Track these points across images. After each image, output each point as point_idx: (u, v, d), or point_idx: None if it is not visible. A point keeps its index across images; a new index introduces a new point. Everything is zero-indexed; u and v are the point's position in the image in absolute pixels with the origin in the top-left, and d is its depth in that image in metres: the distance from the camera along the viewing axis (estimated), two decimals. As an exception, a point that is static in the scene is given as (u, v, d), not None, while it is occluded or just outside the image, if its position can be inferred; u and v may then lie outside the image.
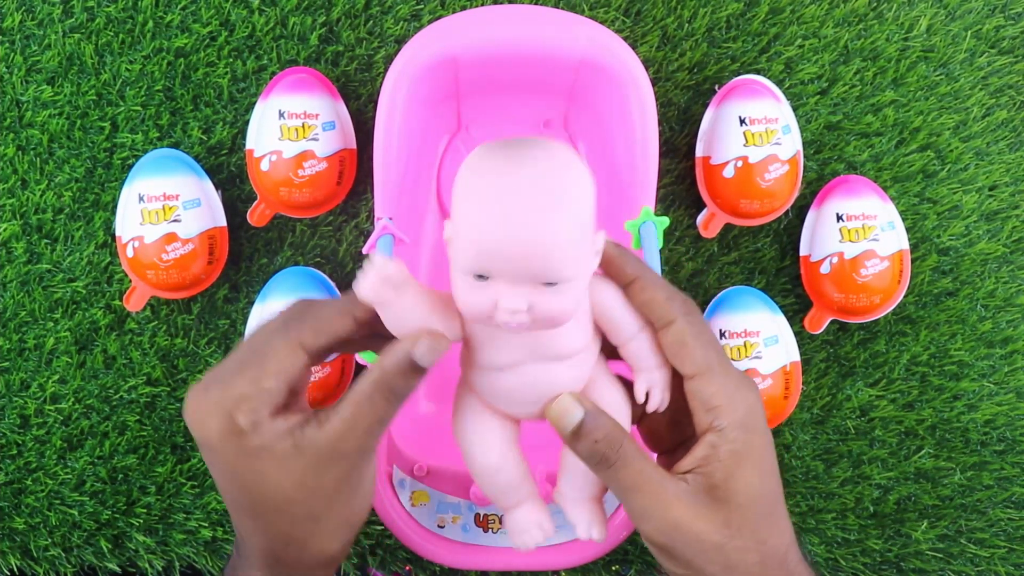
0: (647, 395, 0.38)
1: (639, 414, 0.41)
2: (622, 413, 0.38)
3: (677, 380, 0.38)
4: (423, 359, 0.35)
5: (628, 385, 0.39)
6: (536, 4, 0.61)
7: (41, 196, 0.60)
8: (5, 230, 0.60)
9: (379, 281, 0.34)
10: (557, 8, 0.61)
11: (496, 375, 0.37)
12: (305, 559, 0.39)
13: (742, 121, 0.59)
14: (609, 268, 0.38)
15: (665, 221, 0.50)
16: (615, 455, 0.36)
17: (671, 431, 0.40)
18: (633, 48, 0.57)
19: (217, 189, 0.60)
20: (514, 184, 0.32)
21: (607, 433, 0.36)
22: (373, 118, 0.53)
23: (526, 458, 0.40)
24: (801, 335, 0.61)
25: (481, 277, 0.33)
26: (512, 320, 0.33)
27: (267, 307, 0.57)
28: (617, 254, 0.38)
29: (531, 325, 0.34)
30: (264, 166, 0.57)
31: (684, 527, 0.36)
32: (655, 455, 0.42)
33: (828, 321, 0.61)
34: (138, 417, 0.60)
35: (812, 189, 0.62)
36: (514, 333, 0.36)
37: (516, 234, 0.32)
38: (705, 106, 0.61)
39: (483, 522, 0.54)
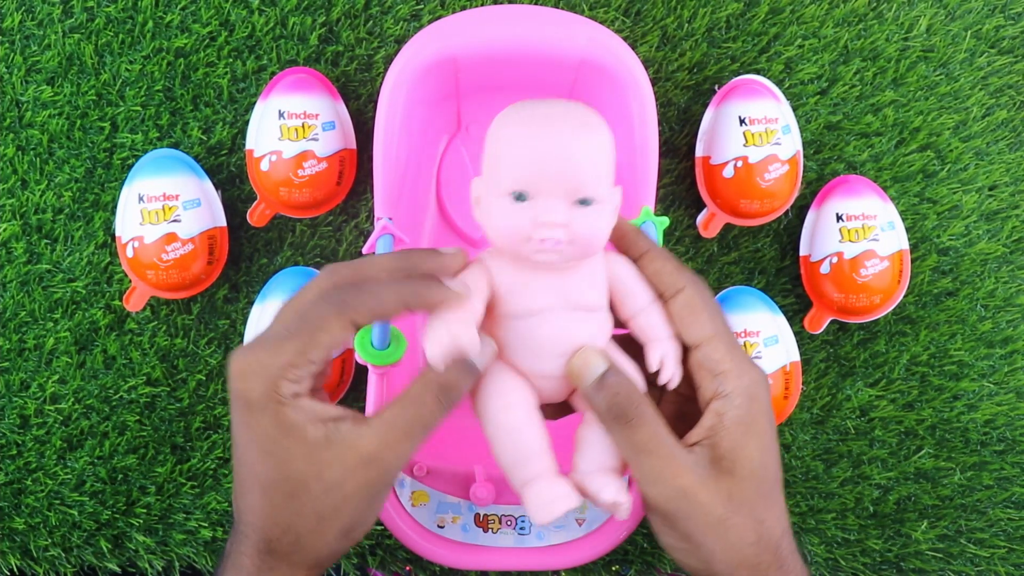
0: (660, 367, 0.38)
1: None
2: (637, 384, 0.38)
3: (685, 364, 0.39)
4: (478, 358, 0.36)
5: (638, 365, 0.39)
6: (536, 4, 0.61)
7: (41, 196, 0.60)
8: (5, 230, 0.60)
9: (451, 357, 0.36)
10: (557, 8, 0.61)
11: (525, 323, 0.37)
12: (295, 555, 0.38)
13: (742, 121, 0.59)
14: (621, 242, 0.39)
15: (665, 221, 0.50)
16: (633, 411, 0.36)
17: (678, 423, 0.40)
18: (633, 48, 0.57)
19: (217, 189, 0.60)
20: (547, 113, 0.36)
21: (628, 389, 0.37)
22: (373, 118, 0.53)
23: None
24: (801, 335, 0.61)
25: (520, 198, 0.35)
26: (551, 234, 0.35)
27: (267, 307, 0.57)
28: (629, 229, 0.39)
29: (567, 247, 0.36)
30: (264, 166, 0.57)
31: (690, 496, 0.36)
32: None
33: (828, 321, 0.61)
34: (138, 417, 0.60)
35: (812, 189, 0.62)
36: (544, 271, 0.37)
37: (554, 146, 0.35)
38: (705, 106, 0.61)
39: (483, 522, 0.54)
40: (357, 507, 0.37)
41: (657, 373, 0.38)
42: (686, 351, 0.38)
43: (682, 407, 0.40)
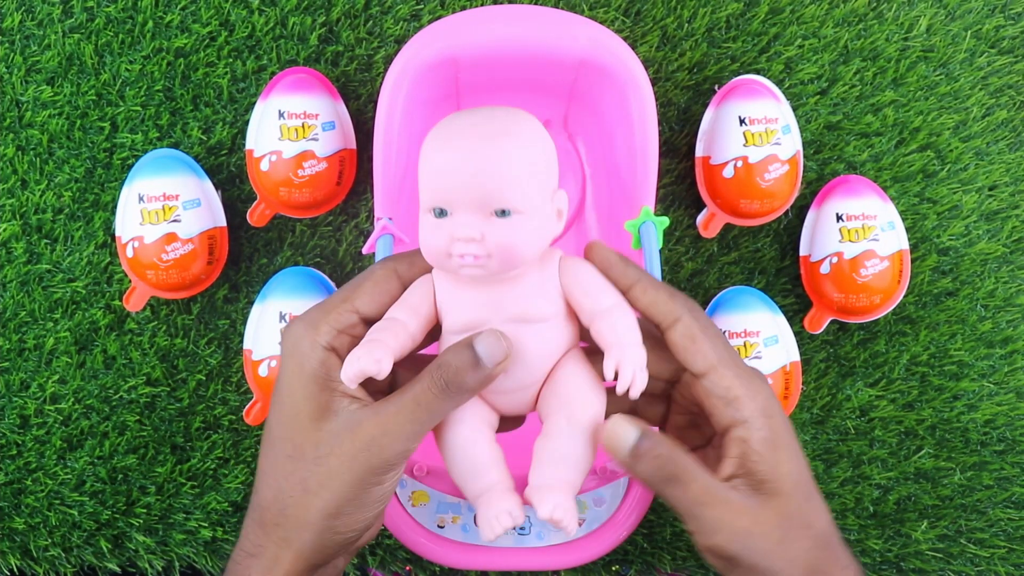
0: (616, 376, 0.35)
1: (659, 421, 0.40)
2: (590, 401, 0.38)
3: (689, 381, 0.38)
4: (484, 352, 0.36)
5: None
6: (536, 4, 0.61)
7: (41, 196, 0.60)
8: (5, 230, 0.60)
9: (358, 380, 0.35)
10: (557, 8, 0.61)
11: (463, 338, 0.37)
12: (280, 529, 0.37)
13: (742, 121, 0.59)
14: (608, 273, 0.38)
15: (665, 221, 0.50)
16: (680, 471, 0.36)
17: (690, 435, 0.40)
18: (633, 48, 0.57)
19: (217, 189, 0.60)
20: (468, 123, 0.35)
21: (666, 450, 0.36)
22: (373, 118, 0.53)
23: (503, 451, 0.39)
24: (801, 335, 0.61)
25: (441, 214, 0.35)
26: (466, 250, 0.35)
27: (267, 307, 0.57)
28: (616, 260, 0.38)
29: (486, 261, 0.35)
30: (264, 166, 0.57)
31: (752, 532, 0.36)
32: None
33: (828, 321, 0.61)
34: (138, 417, 0.60)
35: (812, 189, 0.62)
36: (478, 284, 0.36)
37: (465, 158, 0.34)
38: (705, 106, 0.61)
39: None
40: (342, 488, 0.36)
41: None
42: (693, 378, 0.38)
43: (694, 418, 0.40)
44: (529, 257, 0.36)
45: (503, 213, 0.35)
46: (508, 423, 0.40)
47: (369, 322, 0.38)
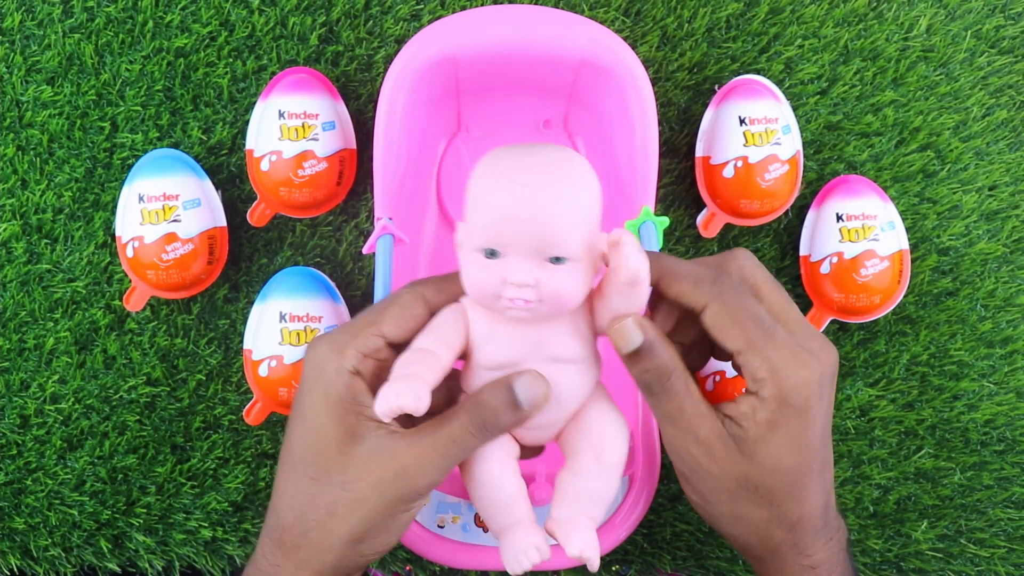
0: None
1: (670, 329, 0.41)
2: (619, 442, 0.38)
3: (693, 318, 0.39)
4: (523, 394, 0.36)
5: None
6: (536, 4, 0.61)
7: (41, 196, 0.60)
8: (5, 230, 0.60)
9: (392, 416, 0.35)
10: (557, 8, 0.61)
11: (497, 375, 0.37)
12: (301, 551, 0.37)
13: (742, 121, 0.59)
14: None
15: (665, 221, 0.50)
16: (660, 387, 0.37)
17: (704, 354, 0.42)
18: (633, 48, 0.57)
19: (217, 189, 0.60)
20: (525, 165, 0.35)
21: (658, 364, 0.37)
22: (373, 118, 0.53)
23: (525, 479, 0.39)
24: (801, 335, 0.61)
25: (492, 254, 0.35)
26: (519, 295, 0.34)
27: (267, 307, 0.57)
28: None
29: (537, 305, 0.35)
30: (264, 166, 0.57)
31: (708, 451, 0.38)
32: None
33: (828, 321, 0.61)
34: (138, 417, 0.60)
35: (812, 189, 0.62)
36: (518, 323, 0.36)
37: (525, 204, 0.34)
38: (705, 106, 0.61)
39: (483, 522, 0.53)
40: (370, 515, 0.37)
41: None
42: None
43: (708, 349, 0.41)
44: (577, 303, 0.36)
45: (558, 260, 0.34)
46: (528, 452, 0.41)
47: (393, 346, 0.38)
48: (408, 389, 0.34)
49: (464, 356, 0.38)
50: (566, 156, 0.36)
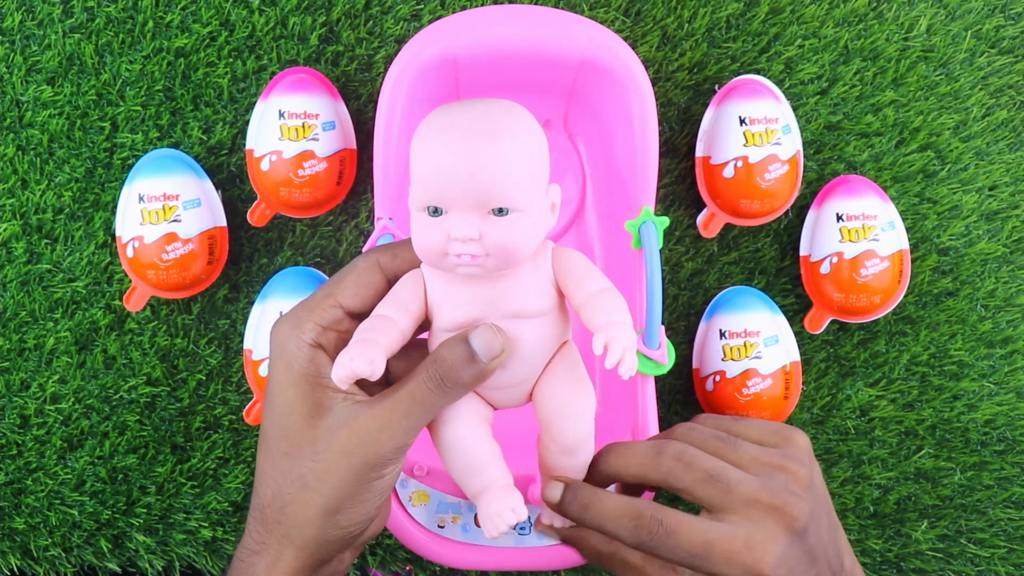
0: (605, 352, 0.35)
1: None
2: (591, 399, 0.38)
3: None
4: (480, 347, 0.35)
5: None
6: (536, 4, 0.61)
7: (41, 196, 0.60)
8: (5, 230, 0.60)
9: (350, 381, 0.35)
10: (557, 8, 0.61)
11: (459, 332, 0.37)
12: (282, 526, 0.37)
13: (742, 121, 0.59)
14: None
15: (665, 221, 0.50)
16: (590, 495, 0.40)
17: None
18: (633, 48, 0.57)
19: (217, 189, 0.60)
20: (459, 120, 0.34)
21: (586, 493, 0.39)
22: (373, 118, 0.53)
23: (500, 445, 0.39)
24: (801, 335, 0.61)
25: (436, 212, 0.34)
26: (464, 249, 0.34)
27: (267, 307, 0.57)
28: None
29: (484, 260, 0.34)
30: (264, 166, 0.57)
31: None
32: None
33: (828, 321, 0.61)
34: (138, 417, 0.60)
35: (812, 189, 0.62)
36: (474, 282, 0.36)
37: (460, 157, 0.34)
38: (705, 106, 0.61)
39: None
40: (341, 483, 0.36)
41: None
42: None
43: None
44: (527, 254, 0.36)
45: (501, 212, 0.34)
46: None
47: (354, 316, 0.38)
48: (362, 354, 0.34)
49: (428, 323, 0.38)
50: (502, 108, 0.35)
